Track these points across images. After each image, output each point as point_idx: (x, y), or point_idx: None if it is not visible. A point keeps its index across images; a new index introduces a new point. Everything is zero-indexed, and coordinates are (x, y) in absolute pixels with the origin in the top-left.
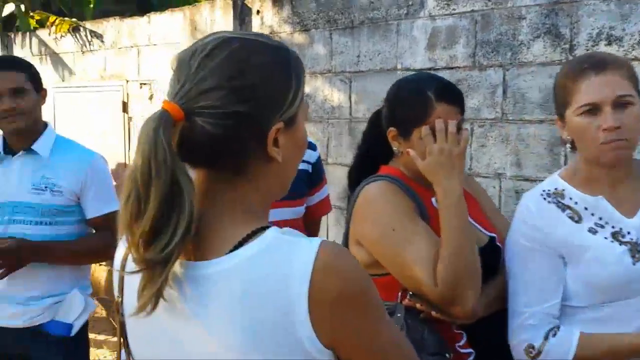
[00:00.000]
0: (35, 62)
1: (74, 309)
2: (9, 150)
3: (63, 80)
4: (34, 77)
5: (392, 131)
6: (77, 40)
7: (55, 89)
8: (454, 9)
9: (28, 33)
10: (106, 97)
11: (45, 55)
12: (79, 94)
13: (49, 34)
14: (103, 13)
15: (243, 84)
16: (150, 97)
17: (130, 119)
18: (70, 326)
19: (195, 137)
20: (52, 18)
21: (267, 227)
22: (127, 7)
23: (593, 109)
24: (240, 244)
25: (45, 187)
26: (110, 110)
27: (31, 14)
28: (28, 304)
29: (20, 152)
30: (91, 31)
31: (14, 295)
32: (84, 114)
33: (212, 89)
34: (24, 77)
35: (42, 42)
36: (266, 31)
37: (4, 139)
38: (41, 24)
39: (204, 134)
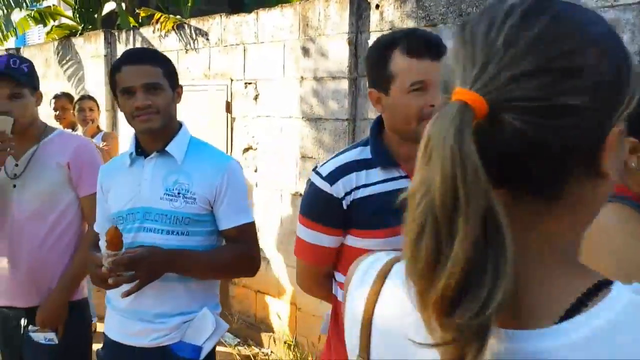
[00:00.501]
0: None
1: (204, 330)
2: (141, 152)
3: None
4: (171, 73)
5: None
6: (181, 38)
7: None
8: (615, 0)
9: (132, 31)
10: (209, 96)
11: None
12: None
13: (153, 32)
14: (196, 12)
15: (577, 65)
16: (255, 97)
17: (233, 119)
18: (199, 349)
19: (503, 142)
20: (157, 15)
21: (609, 281)
22: (219, 7)
23: None
24: (576, 306)
25: (179, 193)
26: (213, 110)
27: (136, 10)
28: (156, 322)
29: (153, 154)
30: (196, 29)
31: (142, 311)
32: (186, 113)
33: (530, 73)
34: (160, 72)
35: (145, 40)
36: (386, 28)
37: (136, 139)
38: (144, 21)
39: (516, 138)
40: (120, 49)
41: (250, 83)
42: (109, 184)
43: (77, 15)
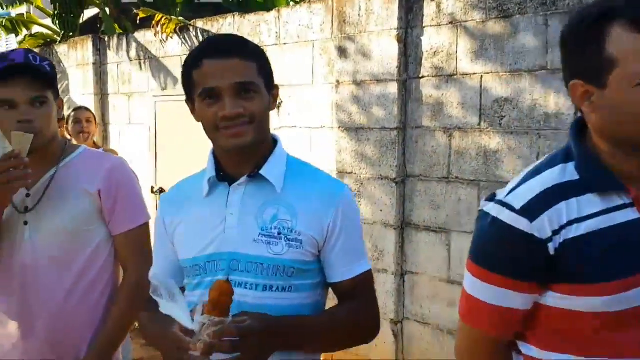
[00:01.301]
0: (133, 68)
1: None
2: (224, 176)
3: (165, 88)
4: (266, 70)
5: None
6: (185, 41)
7: (157, 98)
8: None
9: (125, 35)
10: None
11: (145, 59)
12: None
13: (155, 35)
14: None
15: None
16: (278, 106)
17: None
18: None
19: None
20: (157, 16)
21: None
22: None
23: None
24: None
25: (279, 234)
26: None
27: (135, 11)
28: None
29: (242, 179)
30: (203, 31)
31: None
32: (190, 126)
33: None
34: (255, 69)
35: (140, 45)
36: (445, 21)
37: (215, 158)
38: (142, 24)
39: None
40: (111, 56)
41: None
42: (177, 220)
43: (58, 22)
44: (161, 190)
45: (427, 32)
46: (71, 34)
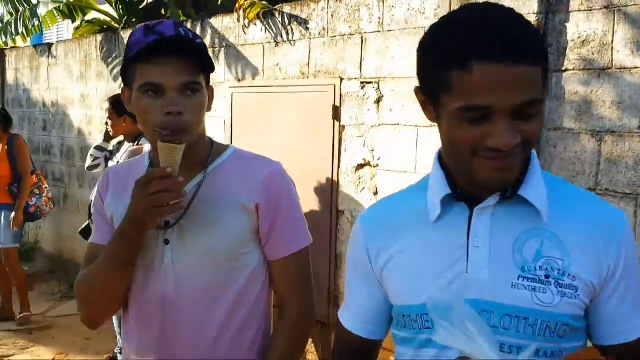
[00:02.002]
0: None
1: None
2: (462, 194)
3: (243, 79)
4: None
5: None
6: (269, 28)
7: (234, 89)
8: None
9: (200, 21)
10: (308, 99)
11: (221, 47)
12: (266, 94)
13: (238, 20)
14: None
15: None
16: (378, 101)
17: (342, 128)
18: None
19: None
20: (240, 0)
21: None
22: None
23: None
24: None
25: (547, 277)
26: (313, 116)
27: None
28: None
29: (491, 200)
30: (291, 16)
31: None
32: (271, 121)
33: None
34: None
35: (216, 32)
36: (598, 5)
37: (446, 169)
38: (217, 10)
39: None
40: None
41: (369, 82)
42: (387, 251)
43: (120, 7)
44: None
45: (573, 18)
46: (133, 19)
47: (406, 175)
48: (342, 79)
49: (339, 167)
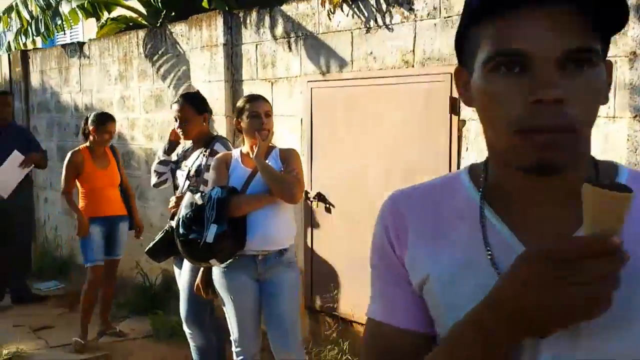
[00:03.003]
0: (278, 48)
1: None
2: None
3: (327, 72)
4: None
5: None
6: (360, 12)
7: (313, 83)
8: None
9: (268, 9)
10: (414, 91)
11: (298, 37)
12: (357, 88)
13: (323, 5)
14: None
15: None
16: None
17: (462, 123)
18: None
19: None
20: None
21: None
22: None
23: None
24: None
25: None
26: (422, 111)
27: None
28: None
29: None
30: None
31: None
32: (364, 119)
33: None
34: None
35: (289, 21)
36: None
37: None
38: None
39: None
40: (248, 35)
41: None
42: None
43: (159, 0)
44: (319, 198)
45: None
46: (173, 13)
47: None
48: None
49: (458, 167)
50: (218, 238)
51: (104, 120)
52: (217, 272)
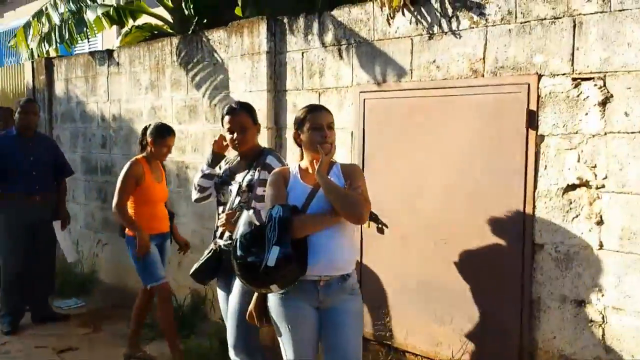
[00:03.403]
0: (327, 56)
1: None
2: None
3: (384, 81)
4: None
5: None
6: (422, 18)
7: (367, 94)
8: None
9: (316, 16)
10: (484, 102)
11: (350, 45)
12: (417, 99)
13: (382, 8)
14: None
15: None
16: (603, 102)
17: (540, 138)
18: None
19: None
20: None
21: None
22: None
23: None
24: None
25: None
26: (493, 124)
27: None
28: None
29: None
30: (455, 0)
31: None
32: (425, 132)
33: None
34: None
35: (340, 27)
36: None
37: None
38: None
39: None
40: (293, 42)
41: (587, 79)
42: None
43: (190, 7)
44: (371, 217)
45: None
46: (205, 21)
47: None
48: (540, 76)
49: (535, 188)
50: (280, 262)
51: (163, 133)
52: (273, 298)
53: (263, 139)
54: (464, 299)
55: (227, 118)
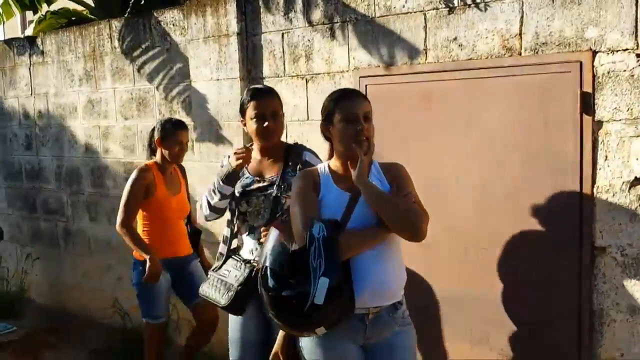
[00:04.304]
0: (315, 37)
1: None
2: None
3: (391, 64)
4: None
5: None
6: None
7: (367, 79)
8: None
9: None
10: (524, 85)
11: (344, 23)
12: (434, 83)
13: None
14: None
15: None
16: None
17: (598, 125)
18: None
19: None
20: None
21: None
22: None
23: None
24: None
25: None
26: (536, 109)
27: None
28: None
29: None
30: None
31: None
32: (442, 120)
33: None
34: None
35: (330, 1)
36: None
37: None
38: None
39: None
40: (270, 22)
41: None
42: None
43: None
44: None
45: None
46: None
47: None
48: (595, 52)
49: (593, 182)
50: (329, 296)
51: (172, 127)
52: (309, 338)
53: (236, 135)
54: (503, 314)
55: (253, 103)
